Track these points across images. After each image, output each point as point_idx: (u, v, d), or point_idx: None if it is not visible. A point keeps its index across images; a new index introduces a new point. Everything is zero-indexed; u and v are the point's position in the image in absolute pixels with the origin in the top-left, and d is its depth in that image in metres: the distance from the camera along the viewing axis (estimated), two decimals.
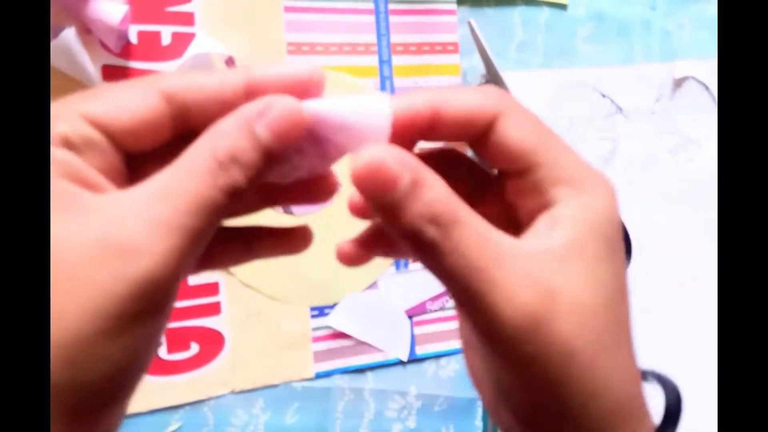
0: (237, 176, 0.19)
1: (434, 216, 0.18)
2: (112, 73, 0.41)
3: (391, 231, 0.18)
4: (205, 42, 0.41)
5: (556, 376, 0.18)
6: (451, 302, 0.48)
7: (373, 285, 0.46)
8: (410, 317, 0.47)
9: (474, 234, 0.18)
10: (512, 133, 0.20)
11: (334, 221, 0.45)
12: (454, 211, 0.18)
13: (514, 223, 0.21)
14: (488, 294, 0.18)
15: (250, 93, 0.20)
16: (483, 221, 0.19)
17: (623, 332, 0.20)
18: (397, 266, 0.47)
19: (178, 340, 0.41)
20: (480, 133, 0.20)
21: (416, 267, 0.47)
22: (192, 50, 0.40)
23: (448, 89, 0.20)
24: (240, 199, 0.19)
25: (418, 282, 0.47)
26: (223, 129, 0.19)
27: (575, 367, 0.18)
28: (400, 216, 0.18)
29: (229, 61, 0.42)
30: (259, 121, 0.19)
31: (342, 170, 0.20)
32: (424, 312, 0.47)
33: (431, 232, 0.18)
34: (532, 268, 0.18)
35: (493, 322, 0.18)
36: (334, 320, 0.45)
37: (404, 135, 0.19)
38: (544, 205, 0.20)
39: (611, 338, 0.19)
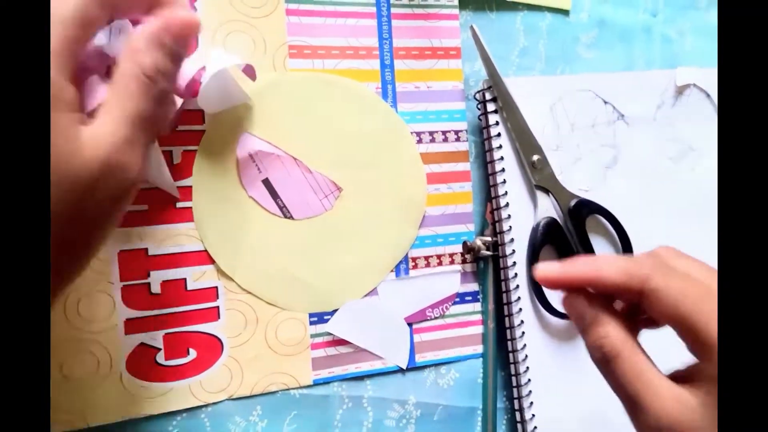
0: (164, 84, 0.28)
1: (600, 347, 0.27)
2: None
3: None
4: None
5: None
6: (450, 310, 0.48)
7: (372, 292, 0.45)
8: (410, 324, 0.47)
9: (630, 367, 0.26)
10: (663, 298, 0.26)
11: (333, 227, 0.44)
12: (616, 348, 0.26)
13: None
14: (645, 398, 0.25)
15: None
16: (645, 359, 0.26)
17: None
18: (398, 273, 0.46)
19: (176, 346, 0.41)
20: (634, 297, 0.27)
21: (416, 274, 0.47)
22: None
23: (605, 258, 0.29)
24: (165, 101, 0.30)
25: (418, 289, 0.47)
26: (140, 49, 0.27)
27: None
28: (585, 335, 0.28)
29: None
30: (166, 35, 0.27)
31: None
32: (424, 319, 0.47)
33: (597, 356, 0.27)
34: (677, 402, 0.25)
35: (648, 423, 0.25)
36: (334, 327, 0.44)
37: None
38: (693, 351, 0.26)
39: None
